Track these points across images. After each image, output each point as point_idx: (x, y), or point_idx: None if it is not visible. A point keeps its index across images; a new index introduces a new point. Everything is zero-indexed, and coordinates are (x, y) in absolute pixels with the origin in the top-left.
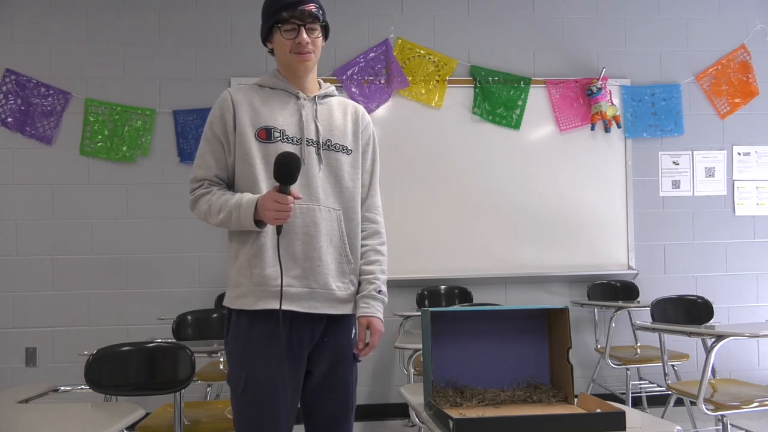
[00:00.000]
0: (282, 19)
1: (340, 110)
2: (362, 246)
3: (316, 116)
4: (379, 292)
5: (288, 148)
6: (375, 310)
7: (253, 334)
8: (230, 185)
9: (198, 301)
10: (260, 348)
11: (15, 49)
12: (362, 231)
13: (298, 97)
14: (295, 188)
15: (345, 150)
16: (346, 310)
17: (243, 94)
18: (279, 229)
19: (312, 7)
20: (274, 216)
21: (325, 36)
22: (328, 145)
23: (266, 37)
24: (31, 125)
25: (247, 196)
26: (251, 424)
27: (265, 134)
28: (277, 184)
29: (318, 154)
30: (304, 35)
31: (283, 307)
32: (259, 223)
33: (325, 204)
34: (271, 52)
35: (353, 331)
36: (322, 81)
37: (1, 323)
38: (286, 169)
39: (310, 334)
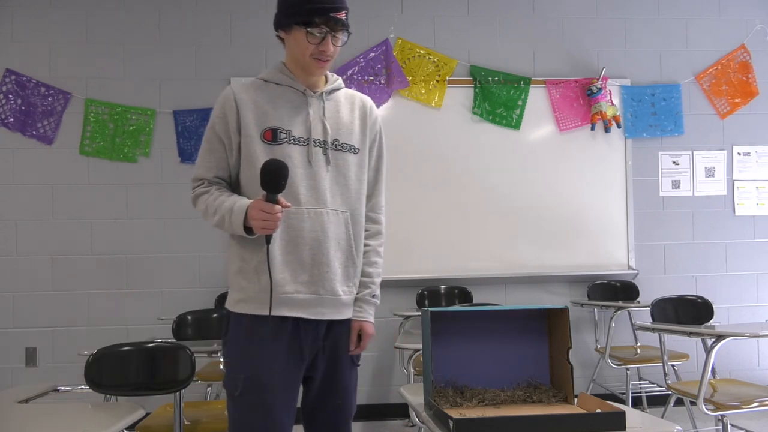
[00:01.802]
0: (311, 23)
1: (347, 105)
2: (364, 246)
3: (324, 114)
4: (373, 296)
5: (295, 149)
6: (367, 314)
7: (255, 337)
8: (232, 184)
9: (198, 301)
10: (261, 350)
11: (15, 49)
12: (365, 230)
13: (304, 94)
14: (301, 193)
15: (352, 149)
16: (349, 314)
17: (247, 93)
18: (268, 239)
19: (343, 15)
20: (261, 225)
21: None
22: (336, 145)
23: (282, 27)
24: (31, 125)
25: (240, 202)
26: (248, 428)
27: (271, 135)
28: (264, 192)
29: (325, 154)
30: (331, 45)
31: (291, 314)
32: (249, 230)
33: (332, 207)
34: (280, 39)
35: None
36: (329, 73)
37: (1, 323)
38: (273, 178)
39: (313, 337)
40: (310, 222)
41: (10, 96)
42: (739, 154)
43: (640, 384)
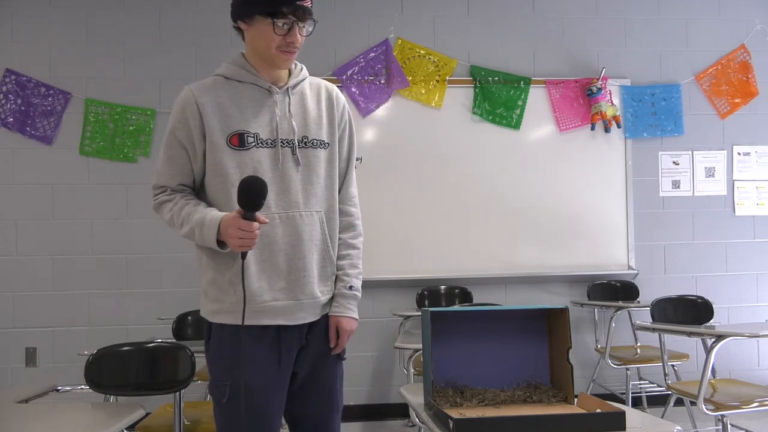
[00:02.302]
0: (278, 13)
1: (313, 97)
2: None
3: (290, 111)
4: (350, 288)
5: (263, 153)
6: (344, 308)
7: (237, 344)
8: (196, 189)
9: (198, 301)
10: (245, 356)
11: (15, 49)
12: None
13: (269, 92)
14: (271, 199)
15: (322, 145)
16: (326, 310)
17: (208, 95)
18: (243, 254)
19: (308, 3)
20: (238, 244)
21: None
22: (305, 143)
23: (243, 17)
24: (31, 125)
25: (210, 215)
26: None
27: (238, 141)
28: (241, 209)
29: (294, 154)
30: (298, 36)
31: (272, 322)
32: (222, 243)
33: (305, 208)
34: (238, 30)
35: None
36: (293, 65)
37: (1, 323)
38: (253, 197)
39: (297, 341)
40: (283, 227)
41: (10, 96)
42: (739, 154)
43: (640, 384)
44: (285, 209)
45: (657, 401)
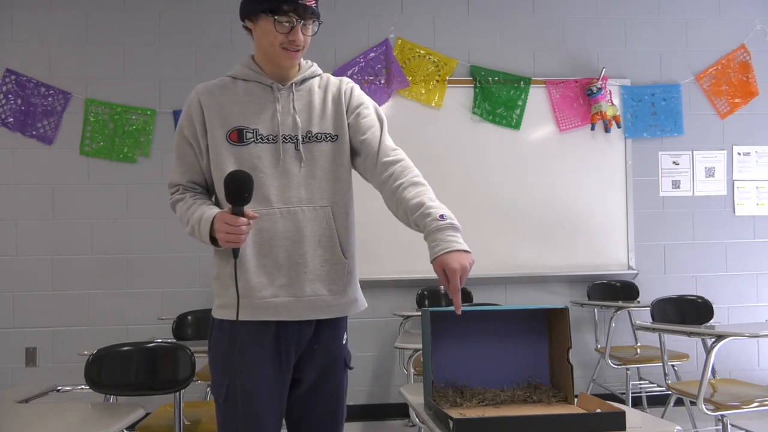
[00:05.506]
0: (279, 11)
1: (320, 93)
2: (397, 187)
3: (294, 107)
4: (441, 216)
5: (263, 148)
6: (446, 244)
7: (235, 343)
8: (208, 188)
9: (198, 301)
10: (242, 356)
11: (15, 49)
12: (388, 176)
13: (272, 89)
14: (272, 194)
15: (329, 138)
16: (337, 313)
17: (211, 93)
18: (235, 253)
19: (312, 2)
20: (225, 239)
21: None
22: (310, 137)
23: (249, 15)
24: (31, 125)
25: (207, 212)
26: None
27: (237, 136)
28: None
29: (297, 150)
30: (301, 34)
31: (272, 318)
32: (216, 241)
33: (309, 203)
34: (247, 30)
35: (344, 337)
36: (303, 62)
37: (1, 323)
38: (234, 190)
39: (297, 340)
40: (284, 222)
41: (10, 96)
42: (739, 154)
43: (640, 384)
44: (286, 204)
45: (657, 401)
